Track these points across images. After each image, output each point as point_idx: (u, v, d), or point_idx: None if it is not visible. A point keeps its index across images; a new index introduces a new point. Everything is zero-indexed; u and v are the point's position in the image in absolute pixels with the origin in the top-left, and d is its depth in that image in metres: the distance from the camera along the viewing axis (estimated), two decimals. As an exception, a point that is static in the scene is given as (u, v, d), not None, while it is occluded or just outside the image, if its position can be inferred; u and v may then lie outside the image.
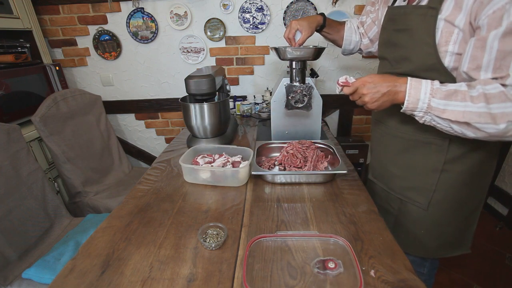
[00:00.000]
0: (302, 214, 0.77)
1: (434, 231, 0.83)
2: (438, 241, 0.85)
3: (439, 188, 0.78)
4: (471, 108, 0.58)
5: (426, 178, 0.79)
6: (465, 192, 0.78)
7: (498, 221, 1.90)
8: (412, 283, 0.55)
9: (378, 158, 0.96)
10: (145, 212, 0.81)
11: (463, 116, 0.58)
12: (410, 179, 0.83)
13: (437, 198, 0.79)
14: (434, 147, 0.75)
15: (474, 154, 0.73)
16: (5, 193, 1.08)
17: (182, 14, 1.74)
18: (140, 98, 2.01)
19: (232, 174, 0.91)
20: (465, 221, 0.83)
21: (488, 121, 0.56)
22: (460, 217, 0.82)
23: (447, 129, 0.63)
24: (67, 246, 1.11)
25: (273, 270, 0.59)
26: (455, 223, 0.82)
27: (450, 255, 0.86)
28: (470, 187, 0.77)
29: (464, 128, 0.60)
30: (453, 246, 0.86)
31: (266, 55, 1.86)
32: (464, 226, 0.84)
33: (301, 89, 1.06)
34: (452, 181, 0.76)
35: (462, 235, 0.85)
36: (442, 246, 0.86)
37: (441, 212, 0.81)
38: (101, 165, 1.68)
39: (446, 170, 0.76)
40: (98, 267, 0.62)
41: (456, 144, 0.73)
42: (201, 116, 1.17)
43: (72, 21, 1.78)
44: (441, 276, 1.52)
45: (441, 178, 0.77)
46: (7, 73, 1.40)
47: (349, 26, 1.06)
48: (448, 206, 0.80)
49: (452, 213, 0.81)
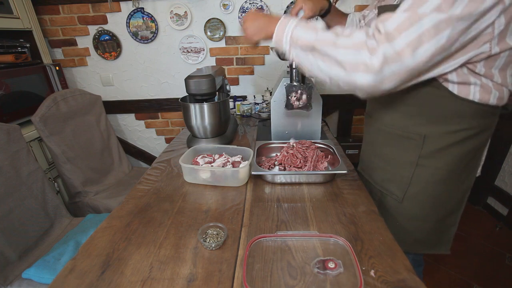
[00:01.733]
0: (302, 214, 0.77)
1: (409, 225, 0.83)
2: (414, 236, 0.85)
3: (414, 182, 0.78)
4: (320, 36, 0.62)
5: (403, 171, 0.80)
6: (441, 190, 0.77)
7: (498, 221, 1.90)
8: (412, 283, 0.55)
9: (365, 150, 0.98)
10: (145, 212, 0.81)
11: (313, 42, 0.63)
12: (389, 171, 0.84)
13: (412, 192, 0.80)
14: (412, 142, 0.76)
15: (450, 151, 0.72)
16: (5, 193, 1.08)
17: (182, 14, 1.74)
18: (140, 98, 2.01)
19: (232, 174, 0.91)
20: (443, 220, 0.83)
21: (330, 45, 0.60)
22: (437, 214, 0.81)
23: (308, 66, 0.67)
24: (67, 246, 1.11)
25: (273, 270, 0.59)
26: (432, 220, 0.82)
27: (427, 252, 0.87)
28: (447, 185, 0.77)
29: (316, 56, 0.63)
30: (430, 244, 0.86)
31: (266, 55, 1.86)
32: (443, 226, 0.84)
33: (301, 89, 1.06)
34: (427, 177, 0.76)
35: (440, 234, 0.85)
36: (418, 242, 0.86)
37: (416, 207, 0.81)
38: (101, 165, 1.68)
39: (422, 164, 0.76)
40: (98, 267, 0.62)
41: (431, 140, 0.73)
42: (201, 116, 1.17)
43: (72, 21, 1.78)
44: (441, 276, 1.52)
45: (416, 172, 0.77)
46: (7, 73, 1.40)
47: (351, 18, 1.06)
48: (423, 201, 0.80)
49: (428, 209, 0.81)
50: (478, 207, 2.05)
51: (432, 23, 0.52)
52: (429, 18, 0.52)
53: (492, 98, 0.64)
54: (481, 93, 0.63)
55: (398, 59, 0.55)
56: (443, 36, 0.52)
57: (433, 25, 0.52)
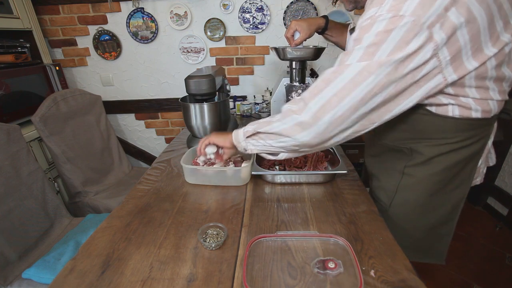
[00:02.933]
0: (302, 214, 0.77)
1: (397, 233, 0.80)
2: (403, 243, 0.82)
3: (400, 190, 0.79)
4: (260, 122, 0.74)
5: (391, 179, 0.81)
6: (427, 199, 0.77)
7: (498, 221, 1.90)
8: (412, 283, 0.55)
9: (366, 157, 0.98)
10: (145, 212, 0.81)
11: (255, 127, 0.74)
12: (380, 179, 0.86)
13: (398, 200, 0.80)
14: (401, 153, 0.77)
15: (436, 162, 0.71)
16: (5, 193, 1.08)
17: (182, 14, 1.74)
18: (140, 98, 2.01)
19: (235, 173, 0.91)
20: (434, 229, 0.82)
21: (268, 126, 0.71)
22: (426, 223, 0.81)
23: (266, 148, 0.75)
24: (67, 246, 1.11)
25: (273, 270, 0.59)
26: (421, 229, 0.82)
27: (419, 260, 0.86)
28: (433, 195, 0.76)
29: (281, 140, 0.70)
30: (421, 252, 0.86)
31: (266, 55, 1.86)
32: (435, 235, 0.83)
33: (301, 89, 1.06)
34: (413, 185, 0.76)
35: (432, 244, 0.85)
36: (407, 249, 0.81)
37: (402, 215, 0.81)
38: (101, 165, 1.68)
39: (407, 173, 0.76)
40: (98, 267, 0.62)
41: (417, 152, 0.73)
42: (201, 116, 1.17)
43: (72, 21, 1.78)
44: (441, 276, 1.52)
45: (403, 181, 0.78)
46: (7, 73, 1.40)
47: (352, 28, 1.07)
48: (409, 210, 0.80)
49: (416, 218, 0.80)
50: (478, 207, 2.05)
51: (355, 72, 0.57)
52: (352, 68, 0.57)
53: (474, 113, 0.62)
54: (460, 110, 0.62)
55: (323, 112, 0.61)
56: (369, 83, 0.56)
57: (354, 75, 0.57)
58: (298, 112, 0.64)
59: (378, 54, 0.54)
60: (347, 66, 0.57)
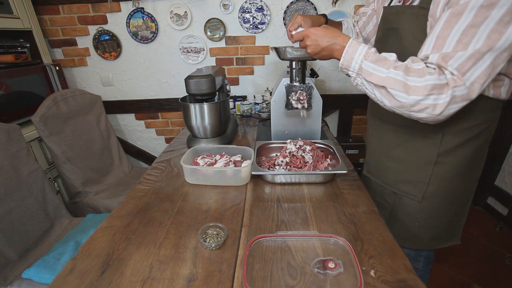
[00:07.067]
0: (302, 214, 0.77)
1: (428, 223, 0.85)
2: (431, 233, 0.86)
3: (433, 181, 0.79)
4: (391, 74, 0.61)
5: (420, 171, 0.81)
6: (457, 184, 0.79)
7: (498, 221, 1.90)
8: (412, 283, 0.55)
9: (373, 152, 0.98)
10: (145, 212, 0.81)
11: (383, 80, 0.62)
12: (404, 172, 0.85)
13: (431, 190, 0.80)
14: (428, 140, 0.77)
15: (466, 146, 0.74)
16: (5, 193, 1.08)
17: (182, 14, 1.74)
18: (140, 98, 2.01)
19: (235, 173, 0.91)
20: (456, 213, 0.85)
21: (401, 89, 0.60)
22: (452, 209, 0.83)
23: (372, 95, 0.68)
24: (67, 246, 1.11)
25: (273, 270, 0.59)
26: (447, 215, 0.83)
27: (442, 246, 0.88)
28: (462, 179, 0.79)
29: (383, 93, 0.64)
30: (445, 238, 0.88)
31: (266, 55, 1.86)
32: (456, 218, 0.86)
33: (301, 89, 1.06)
34: (445, 174, 0.78)
35: (453, 227, 0.87)
36: (435, 238, 0.87)
37: (434, 205, 0.82)
38: (101, 165, 1.68)
39: (440, 162, 0.77)
40: (98, 267, 0.62)
41: (449, 137, 0.74)
42: (201, 116, 1.17)
43: (72, 21, 1.78)
44: (441, 276, 1.52)
45: (435, 171, 0.78)
46: (7, 73, 1.40)
47: (346, 26, 1.08)
48: (441, 198, 0.81)
49: (445, 205, 0.82)
50: (478, 207, 2.05)
51: (490, 60, 0.55)
52: (488, 56, 0.55)
53: (503, 93, 0.67)
54: (495, 89, 0.66)
55: (466, 97, 0.58)
56: (496, 68, 0.56)
57: (491, 62, 0.55)
58: (440, 93, 0.59)
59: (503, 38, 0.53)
60: (482, 54, 0.55)
